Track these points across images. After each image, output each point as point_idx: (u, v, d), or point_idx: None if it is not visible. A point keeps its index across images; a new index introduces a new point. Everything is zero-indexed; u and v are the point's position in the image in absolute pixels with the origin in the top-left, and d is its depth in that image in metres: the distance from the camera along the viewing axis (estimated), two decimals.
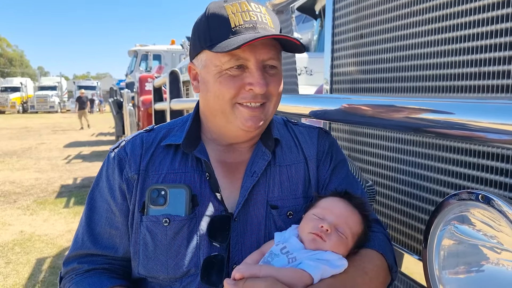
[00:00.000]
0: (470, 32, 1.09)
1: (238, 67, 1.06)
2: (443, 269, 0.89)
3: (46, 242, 5.30)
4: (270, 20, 1.10)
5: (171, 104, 3.99)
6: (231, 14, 1.06)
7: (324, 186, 1.20)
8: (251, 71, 1.06)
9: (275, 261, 0.97)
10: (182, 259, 1.08)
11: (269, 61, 1.08)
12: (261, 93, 1.07)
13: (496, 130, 0.73)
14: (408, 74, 1.32)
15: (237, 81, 1.07)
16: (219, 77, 1.08)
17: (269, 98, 1.11)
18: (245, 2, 1.08)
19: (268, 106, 1.12)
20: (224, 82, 1.07)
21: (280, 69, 1.14)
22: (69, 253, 1.19)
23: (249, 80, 1.06)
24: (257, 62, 1.06)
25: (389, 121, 0.99)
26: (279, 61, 1.12)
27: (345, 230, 1.02)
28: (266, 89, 1.07)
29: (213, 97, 1.10)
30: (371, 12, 1.50)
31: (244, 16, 1.06)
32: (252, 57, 1.05)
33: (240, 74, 1.07)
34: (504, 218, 0.78)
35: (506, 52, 1.00)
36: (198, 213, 1.10)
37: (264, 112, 1.10)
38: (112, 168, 1.17)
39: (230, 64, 1.06)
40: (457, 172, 1.14)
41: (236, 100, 1.08)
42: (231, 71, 1.06)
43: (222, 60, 1.06)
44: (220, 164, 1.17)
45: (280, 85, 1.14)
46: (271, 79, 1.09)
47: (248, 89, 1.06)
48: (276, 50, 1.09)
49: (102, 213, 1.17)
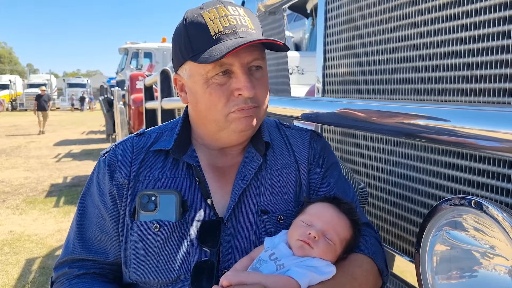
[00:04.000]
0: (462, 35, 1.10)
1: (224, 73, 1.05)
2: (436, 274, 0.89)
3: (35, 242, 5.25)
4: (249, 22, 1.08)
5: (162, 103, 3.97)
6: (210, 21, 1.04)
7: (316, 190, 1.19)
8: (237, 76, 1.05)
9: (263, 267, 0.97)
10: (173, 265, 1.07)
11: (254, 62, 1.07)
12: (250, 97, 1.05)
13: (487, 137, 0.73)
14: (400, 76, 1.32)
15: (225, 89, 1.05)
16: (207, 87, 1.06)
17: (259, 103, 1.10)
18: (221, 7, 1.06)
19: (259, 110, 1.11)
20: (213, 92, 1.06)
21: (265, 68, 1.13)
22: (60, 258, 1.18)
23: (236, 85, 1.05)
24: (242, 66, 1.05)
25: (381, 126, 0.99)
26: (263, 60, 1.11)
27: (333, 236, 1.01)
28: (254, 92, 1.06)
29: (204, 108, 1.09)
30: (363, 13, 1.50)
31: (223, 22, 1.04)
32: (236, 61, 1.04)
33: (227, 81, 1.05)
34: (496, 224, 0.78)
35: (498, 56, 1.00)
36: (189, 219, 1.09)
37: (256, 112, 1.10)
38: (102, 173, 1.16)
39: (215, 71, 1.04)
40: (450, 175, 1.14)
41: (229, 110, 1.06)
42: (217, 79, 1.05)
43: (206, 69, 1.05)
44: (211, 168, 1.16)
45: (266, 89, 1.13)
46: (257, 82, 1.08)
47: (237, 94, 1.05)
48: (259, 51, 1.08)
49: (92, 218, 1.16)
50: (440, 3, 1.16)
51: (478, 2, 1.05)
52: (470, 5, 1.07)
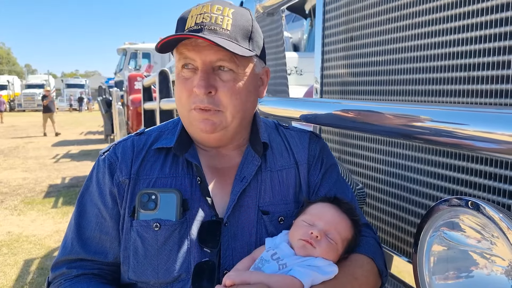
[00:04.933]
0: (460, 37, 1.10)
1: (190, 69, 1.06)
2: (433, 274, 0.90)
3: (34, 243, 5.24)
4: (228, 23, 1.04)
5: (161, 104, 3.97)
6: (190, 17, 1.06)
7: (315, 191, 1.20)
8: (197, 73, 1.06)
9: (265, 267, 0.97)
10: (173, 264, 1.07)
11: (219, 62, 1.04)
12: (202, 94, 1.03)
13: (484, 138, 0.74)
14: (398, 78, 1.32)
15: (188, 83, 1.07)
16: (178, 79, 1.10)
17: (220, 106, 1.06)
18: (208, 5, 1.06)
19: (223, 115, 1.07)
20: (179, 84, 1.09)
21: (240, 73, 1.07)
22: (58, 258, 1.17)
23: (194, 82, 1.05)
24: (203, 63, 1.04)
25: (379, 127, 0.99)
26: (232, 63, 1.05)
27: (335, 236, 1.02)
28: (214, 93, 1.04)
29: (176, 101, 1.12)
30: (361, 15, 1.50)
31: (197, 19, 1.04)
32: (198, 58, 1.04)
33: (191, 77, 1.07)
34: (493, 224, 0.79)
35: (495, 57, 1.01)
36: (189, 218, 1.09)
37: (219, 117, 1.07)
38: (102, 172, 1.16)
39: (181, 63, 1.07)
40: (447, 175, 1.15)
41: (190, 106, 1.07)
42: (184, 73, 1.08)
43: (176, 59, 1.09)
44: (211, 169, 1.17)
45: (235, 92, 1.06)
46: (221, 84, 1.05)
47: (195, 91, 1.05)
48: (227, 53, 1.03)
49: (92, 217, 1.16)
50: (437, 4, 1.16)
51: (475, 4, 1.05)
52: (467, 7, 1.08)
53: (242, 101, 1.09)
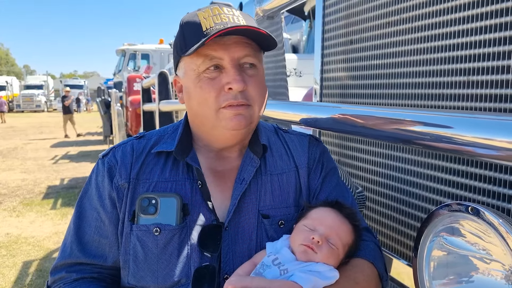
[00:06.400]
0: (460, 41, 1.10)
1: (215, 68, 1.06)
2: (433, 279, 0.90)
3: (33, 245, 5.23)
4: (243, 22, 1.08)
5: (160, 105, 3.97)
6: (203, 20, 1.07)
7: (315, 195, 1.20)
8: (227, 70, 1.06)
9: (266, 272, 0.97)
10: (173, 269, 1.07)
11: (245, 58, 1.07)
12: (240, 90, 1.05)
13: (485, 145, 0.74)
14: (398, 81, 1.33)
15: (216, 83, 1.06)
16: (198, 81, 1.08)
17: (250, 101, 1.09)
18: (217, 8, 1.09)
19: (252, 109, 1.10)
20: (204, 86, 1.07)
21: (261, 70, 1.13)
22: (57, 262, 1.17)
23: (226, 79, 1.05)
24: (232, 60, 1.05)
25: (379, 132, 1.00)
26: (257, 59, 1.10)
27: (336, 241, 1.02)
28: (246, 88, 1.06)
29: (196, 104, 1.10)
30: (361, 18, 1.51)
31: (215, 19, 1.06)
32: (226, 55, 1.05)
33: (217, 76, 1.07)
34: (492, 230, 0.79)
35: (495, 62, 1.01)
36: (189, 223, 1.09)
37: (249, 112, 1.09)
38: (102, 175, 1.16)
39: (205, 65, 1.06)
40: (447, 179, 1.15)
41: (219, 105, 1.07)
42: (208, 74, 1.07)
43: (197, 63, 1.07)
44: (211, 172, 1.16)
45: (260, 87, 1.12)
46: (250, 79, 1.08)
47: (227, 88, 1.05)
48: (252, 48, 1.08)
49: (91, 221, 1.15)
50: (438, 9, 1.17)
51: (475, 9, 1.06)
52: (467, 11, 1.08)
53: (263, 96, 1.14)
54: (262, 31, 1.04)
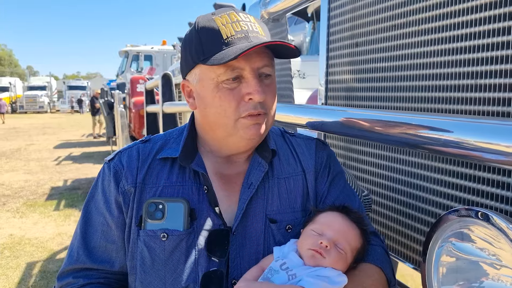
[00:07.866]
0: (467, 44, 1.10)
1: (234, 79, 1.05)
2: (442, 285, 0.89)
3: (36, 246, 5.24)
4: (260, 29, 1.09)
5: (164, 107, 3.97)
6: (222, 26, 1.05)
7: (322, 199, 1.19)
8: (248, 80, 1.05)
9: (274, 277, 0.97)
10: (181, 275, 1.06)
11: (264, 68, 1.07)
12: (260, 101, 1.06)
13: (493, 150, 0.73)
14: (403, 84, 1.32)
15: (236, 93, 1.05)
16: (218, 91, 1.06)
17: (267, 110, 1.10)
18: (233, 13, 1.08)
19: (268, 118, 1.11)
20: (223, 96, 1.06)
21: (274, 77, 1.14)
22: (64, 267, 1.17)
23: (247, 90, 1.05)
24: (253, 71, 1.05)
25: (386, 136, 0.99)
26: (273, 68, 1.11)
27: (344, 245, 1.01)
28: (264, 97, 1.06)
29: (214, 113, 1.08)
30: (366, 21, 1.50)
31: (235, 27, 1.05)
32: (247, 66, 1.04)
33: (237, 86, 1.06)
34: (503, 236, 0.78)
35: (503, 66, 1.01)
36: (197, 228, 1.09)
37: (265, 120, 1.10)
38: (108, 180, 1.15)
39: (226, 75, 1.04)
40: (454, 183, 1.14)
41: (239, 115, 1.06)
42: (228, 84, 1.05)
43: (218, 72, 1.05)
44: (218, 176, 1.16)
45: (275, 96, 1.13)
46: (267, 89, 1.08)
47: (248, 99, 1.05)
48: (269, 58, 1.09)
49: (97, 226, 1.15)
50: (444, 12, 1.16)
51: (483, 12, 1.05)
52: (474, 14, 1.07)
53: (275, 104, 1.15)
54: (291, 45, 1.05)
